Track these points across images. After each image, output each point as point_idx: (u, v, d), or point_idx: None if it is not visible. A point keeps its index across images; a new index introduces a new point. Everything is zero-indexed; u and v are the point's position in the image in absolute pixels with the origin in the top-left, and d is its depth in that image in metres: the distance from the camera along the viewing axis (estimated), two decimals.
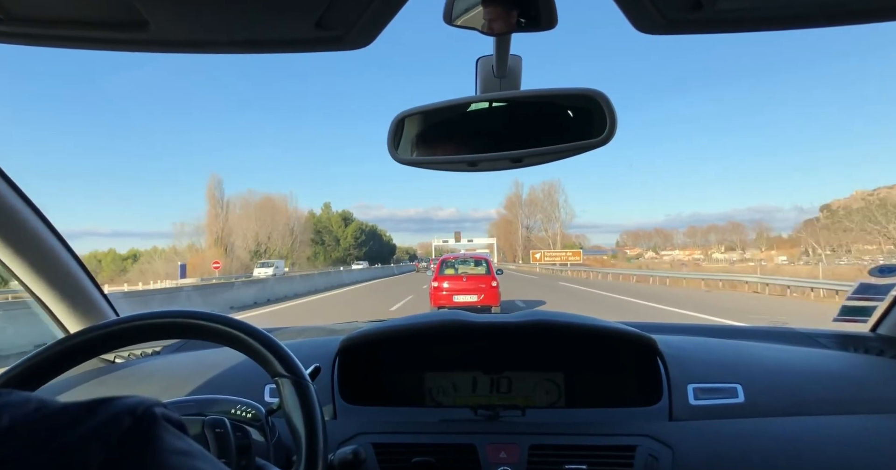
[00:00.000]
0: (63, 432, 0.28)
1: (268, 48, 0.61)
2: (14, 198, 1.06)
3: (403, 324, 1.11)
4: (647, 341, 1.04)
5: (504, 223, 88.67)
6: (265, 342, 0.69)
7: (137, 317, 0.71)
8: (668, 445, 0.91)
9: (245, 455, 0.71)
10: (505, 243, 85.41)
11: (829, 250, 50.51)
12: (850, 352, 1.25)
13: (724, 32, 0.58)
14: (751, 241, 72.03)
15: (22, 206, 1.08)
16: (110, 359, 1.38)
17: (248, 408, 0.82)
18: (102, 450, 0.27)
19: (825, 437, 0.91)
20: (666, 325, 1.51)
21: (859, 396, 1.01)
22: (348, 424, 1.00)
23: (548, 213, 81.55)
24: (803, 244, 55.31)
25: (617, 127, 0.70)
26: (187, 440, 0.31)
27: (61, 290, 1.21)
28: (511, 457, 0.92)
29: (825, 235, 51.16)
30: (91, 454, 0.27)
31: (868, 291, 1.38)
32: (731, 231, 76.93)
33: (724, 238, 76.33)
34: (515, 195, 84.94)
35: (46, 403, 0.30)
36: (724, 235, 76.95)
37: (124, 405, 0.30)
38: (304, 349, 1.15)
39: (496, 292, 10.25)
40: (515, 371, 1.11)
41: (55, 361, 0.68)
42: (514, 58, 0.75)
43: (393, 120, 0.77)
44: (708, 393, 1.00)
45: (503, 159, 0.75)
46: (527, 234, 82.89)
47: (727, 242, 75.08)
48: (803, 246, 54.96)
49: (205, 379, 1.09)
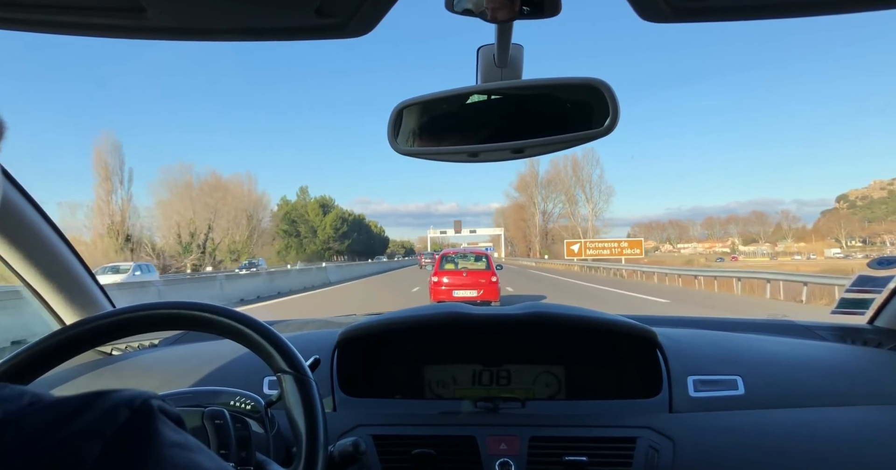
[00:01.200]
0: (59, 426, 0.27)
1: (267, 36, 0.60)
2: (9, 188, 1.05)
3: (403, 317, 1.11)
4: (647, 334, 1.04)
5: (515, 209, 72.57)
6: (268, 336, 0.69)
7: (138, 308, 0.71)
8: (668, 437, 0.91)
9: (244, 447, 0.71)
10: (517, 234, 71.88)
11: (859, 241, 48.56)
12: (849, 344, 1.25)
13: (729, 20, 0.57)
14: (767, 233, 69.40)
15: (16, 196, 1.07)
16: (107, 351, 1.37)
17: (248, 400, 0.81)
18: (99, 443, 0.27)
19: (824, 428, 0.92)
20: (665, 317, 1.51)
21: (857, 387, 1.01)
22: (348, 416, 1.00)
23: (572, 195, 63.85)
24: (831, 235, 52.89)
25: (619, 117, 0.69)
26: (185, 434, 0.31)
27: (57, 281, 1.20)
28: (511, 449, 0.92)
29: (848, 226, 49.29)
30: (87, 448, 0.26)
31: (867, 283, 1.38)
32: (755, 222, 71.22)
33: (744, 229, 72.71)
34: (531, 173, 67.25)
35: (41, 397, 0.29)
36: (746, 227, 72.59)
37: (121, 398, 0.29)
38: (304, 342, 1.15)
39: (496, 287, 10.35)
40: (515, 364, 1.11)
41: (52, 352, 0.67)
42: (515, 47, 0.74)
43: (393, 110, 0.77)
44: (708, 385, 1.00)
45: (504, 150, 0.74)
46: (543, 222, 66.79)
47: (746, 234, 72.15)
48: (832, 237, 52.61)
49: (203, 371, 1.09)
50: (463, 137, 0.77)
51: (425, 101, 0.76)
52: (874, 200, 50.18)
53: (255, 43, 0.61)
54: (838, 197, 62.38)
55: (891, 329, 1.28)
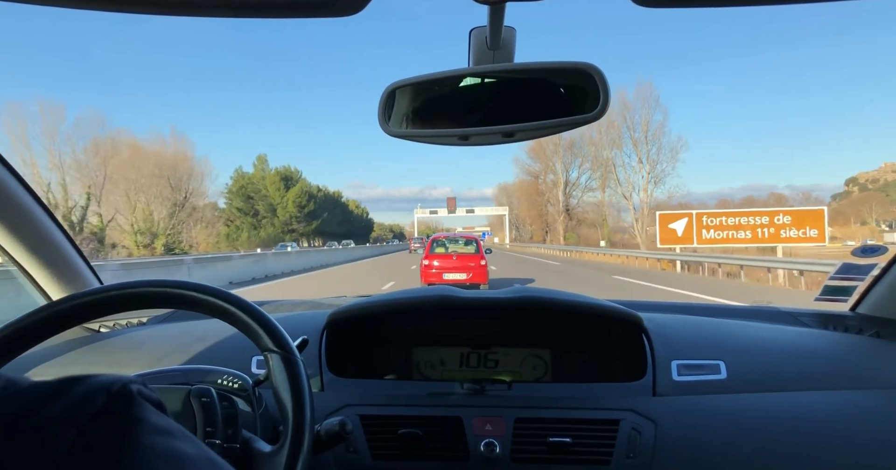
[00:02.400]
0: (32, 412, 0.26)
1: (255, 12, 0.58)
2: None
3: (392, 299, 1.12)
4: (632, 318, 1.06)
5: (525, 185, 55.31)
6: (255, 316, 0.69)
7: (127, 285, 0.70)
8: (651, 420, 0.93)
9: (231, 424, 0.72)
10: (530, 212, 55.12)
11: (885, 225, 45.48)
12: (830, 330, 1.28)
13: (724, 6, 0.56)
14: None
15: (4, 173, 1.06)
16: (95, 328, 1.37)
17: (235, 378, 0.82)
18: (74, 429, 0.26)
19: (805, 412, 0.94)
20: (652, 303, 1.53)
21: (838, 372, 1.03)
22: (336, 396, 1.01)
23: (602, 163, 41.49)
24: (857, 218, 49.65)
25: (610, 102, 0.69)
26: (167, 418, 0.30)
27: (44, 257, 1.19)
28: (497, 429, 0.93)
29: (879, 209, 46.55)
30: (62, 434, 0.25)
31: (850, 271, 1.40)
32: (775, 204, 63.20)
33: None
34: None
35: (15, 382, 0.28)
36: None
37: (98, 383, 0.28)
38: (293, 322, 1.16)
39: (485, 271, 10.67)
40: (503, 347, 1.12)
41: (39, 328, 0.67)
42: (507, 29, 0.73)
43: (384, 91, 0.76)
44: (691, 369, 1.02)
45: (495, 133, 0.74)
46: (565, 197, 48.23)
47: None
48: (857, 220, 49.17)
49: (192, 349, 1.09)
50: (454, 120, 0.76)
51: (417, 83, 0.75)
52: (888, 183, 48.79)
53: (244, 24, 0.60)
54: (848, 180, 61.07)
55: (872, 316, 1.30)
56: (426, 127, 0.78)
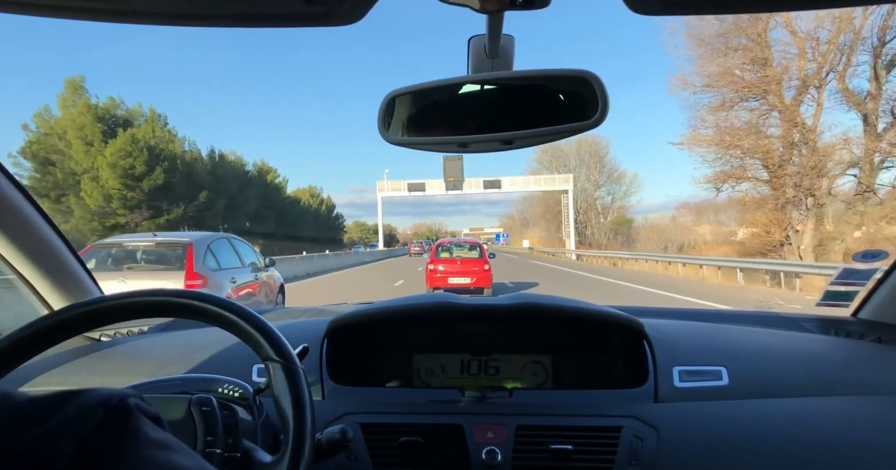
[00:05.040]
0: (31, 425, 0.26)
1: (255, 22, 0.59)
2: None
3: (392, 306, 1.11)
4: (634, 325, 1.06)
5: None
6: (256, 325, 0.69)
7: (127, 295, 0.70)
8: (653, 427, 0.93)
9: (231, 433, 0.72)
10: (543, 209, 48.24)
11: None
12: (832, 336, 1.27)
13: (720, 13, 0.57)
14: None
15: (2, 180, 1.06)
16: (96, 337, 1.37)
17: (236, 387, 0.82)
18: (73, 442, 0.26)
19: (806, 418, 0.93)
20: (653, 309, 1.53)
21: (840, 378, 1.03)
22: (336, 404, 1.01)
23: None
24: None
25: (609, 109, 0.69)
26: (164, 432, 0.30)
27: (44, 266, 1.19)
28: (498, 437, 0.93)
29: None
30: (61, 447, 0.25)
31: (851, 275, 1.40)
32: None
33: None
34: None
35: (12, 395, 0.28)
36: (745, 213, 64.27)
37: (97, 396, 0.28)
38: (294, 330, 1.15)
39: (488, 275, 10.91)
40: (504, 353, 1.11)
41: (39, 337, 0.67)
42: (506, 38, 0.73)
43: (383, 99, 0.76)
44: (693, 375, 1.02)
45: (494, 141, 0.74)
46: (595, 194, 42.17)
47: None
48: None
49: (192, 358, 1.09)
50: (453, 128, 0.76)
51: (416, 91, 0.76)
52: None
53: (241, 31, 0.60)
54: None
55: (873, 321, 1.30)
56: (426, 135, 0.79)
